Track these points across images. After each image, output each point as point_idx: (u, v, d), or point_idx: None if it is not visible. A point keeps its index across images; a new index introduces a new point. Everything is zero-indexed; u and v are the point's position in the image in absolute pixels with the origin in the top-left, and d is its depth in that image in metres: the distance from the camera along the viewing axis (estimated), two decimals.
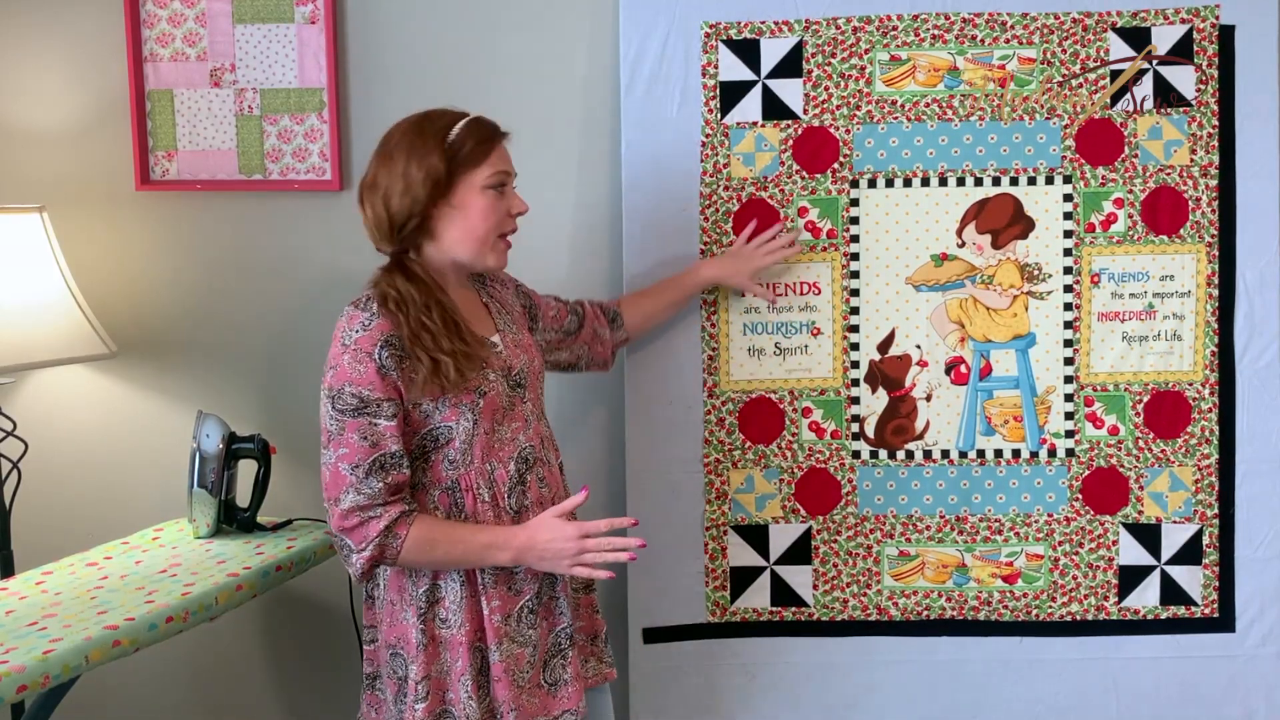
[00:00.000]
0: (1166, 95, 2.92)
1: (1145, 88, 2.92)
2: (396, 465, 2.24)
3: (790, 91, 2.95)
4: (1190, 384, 2.96)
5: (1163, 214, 2.94)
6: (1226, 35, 2.91)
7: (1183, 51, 2.91)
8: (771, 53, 2.95)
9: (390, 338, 2.22)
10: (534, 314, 2.63)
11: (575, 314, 2.73)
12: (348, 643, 3.13)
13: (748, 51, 2.95)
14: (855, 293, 2.97)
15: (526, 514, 2.34)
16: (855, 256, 2.97)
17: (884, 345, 2.98)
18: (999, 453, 2.98)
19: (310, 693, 3.29)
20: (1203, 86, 2.92)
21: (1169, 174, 2.93)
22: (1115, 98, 2.92)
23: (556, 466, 2.50)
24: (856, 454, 3.00)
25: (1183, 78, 2.92)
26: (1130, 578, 2.99)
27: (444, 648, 2.31)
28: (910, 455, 3.00)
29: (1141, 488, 2.98)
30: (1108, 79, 2.92)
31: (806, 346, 2.99)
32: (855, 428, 3.00)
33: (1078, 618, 3.00)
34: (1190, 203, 2.93)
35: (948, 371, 2.98)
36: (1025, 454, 2.98)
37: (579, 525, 2.27)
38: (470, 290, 2.45)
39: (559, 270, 3.06)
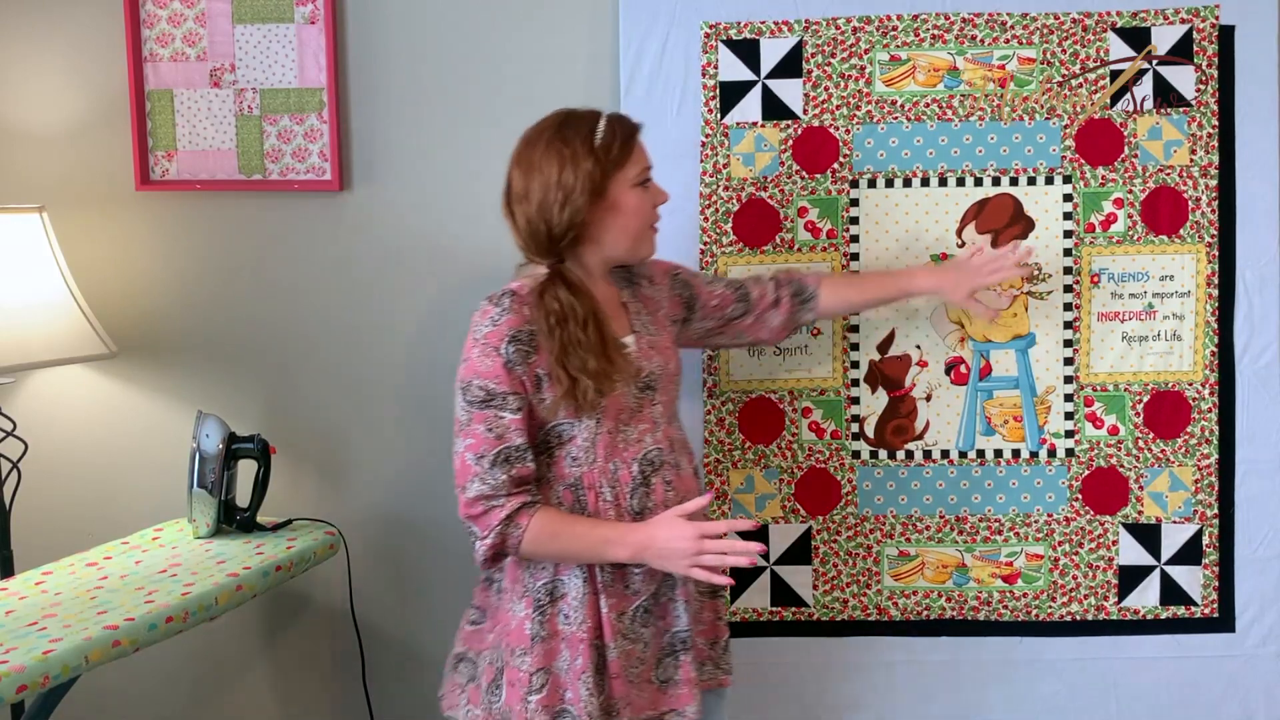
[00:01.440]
0: (1166, 95, 2.92)
1: (1145, 88, 2.92)
2: (521, 458, 2.25)
3: (790, 91, 2.95)
4: (1190, 384, 2.96)
5: (1162, 214, 2.94)
6: (1226, 35, 2.91)
7: (1183, 51, 2.91)
8: (771, 53, 2.95)
9: (517, 333, 2.24)
10: (691, 305, 2.61)
11: (743, 300, 2.67)
12: (348, 643, 3.15)
13: (747, 51, 2.95)
14: None
15: (649, 516, 2.33)
16: (855, 257, 2.97)
17: (884, 345, 2.98)
18: (999, 453, 2.98)
19: (310, 693, 3.28)
20: (1203, 86, 2.92)
21: (1169, 174, 2.93)
22: (1115, 98, 2.92)
23: (689, 471, 2.48)
24: (856, 454, 3.00)
25: (1183, 78, 2.92)
26: (1130, 578, 2.99)
27: (565, 644, 2.30)
28: (910, 455, 3.00)
29: (1141, 488, 2.98)
30: (1108, 79, 2.92)
31: (806, 346, 2.99)
32: (855, 428, 3.00)
33: (1078, 618, 3.00)
34: (1190, 203, 2.93)
35: (947, 371, 2.98)
36: (1025, 454, 2.98)
37: (698, 526, 2.24)
38: (612, 288, 2.44)
39: None
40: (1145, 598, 3.00)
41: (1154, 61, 2.91)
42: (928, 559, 3.01)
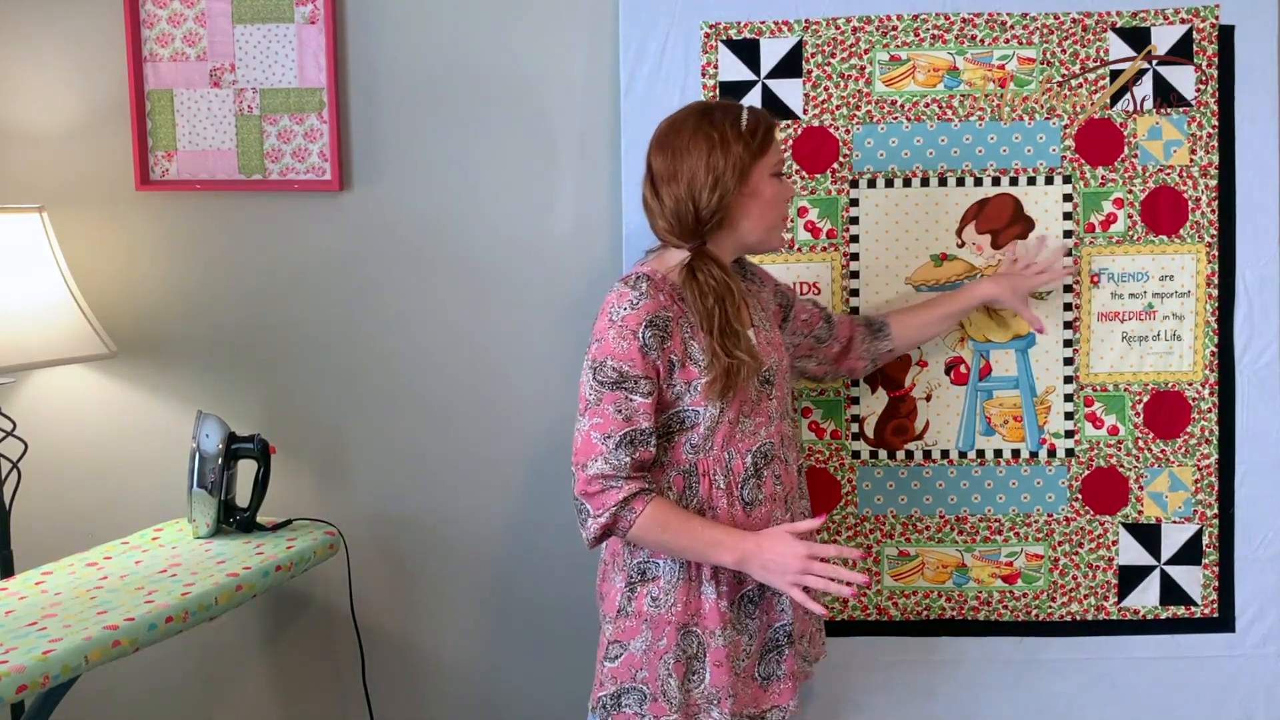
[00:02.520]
0: (1166, 95, 2.92)
1: (1145, 88, 2.92)
2: (645, 442, 2.27)
3: (790, 91, 2.95)
4: (1190, 384, 2.96)
5: (1162, 214, 2.94)
6: (1226, 35, 2.91)
7: (1183, 51, 2.91)
8: (771, 53, 2.95)
9: (655, 318, 2.26)
10: (787, 313, 2.64)
11: (827, 321, 2.73)
12: (348, 643, 3.15)
13: (747, 51, 2.95)
14: (855, 293, 2.97)
15: (759, 508, 2.36)
16: (855, 256, 2.97)
17: None
18: (999, 453, 2.98)
19: (310, 693, 3.28)
20: (1202, 86, 2.92)
21: (1169, 174, 2.93)
22: (1115, 98, 2.92)
23: (795, 467, 2.51)
24: (856, 454, 3.00)
25: (1182, 78, 2.92)
26: (1130, 578, 2.99)
27: (647, 624, 2.33)
28: (910, 455, 3.00)
29: (1141, 488, 2.98)
30: (1107, 79, 2.92)
31: None
32: (855, 428, 3.00)
33: (1077, 618, 3.00)
34: (1190, 203, 2.93)
35: (947, 371, 2.98)
36: (1025, 454, 2.98)
37: (810, 545, 2.24)
38: (736, 279, 2.45)
39: (558, 270, 3.07)
40: (1145, 598, 2.99)
41: (1154, 61, 2.91)
42: (928, 559, 3.01)
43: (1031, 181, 2.94)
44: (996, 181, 2.94)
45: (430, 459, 3.13)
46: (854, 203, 2.96)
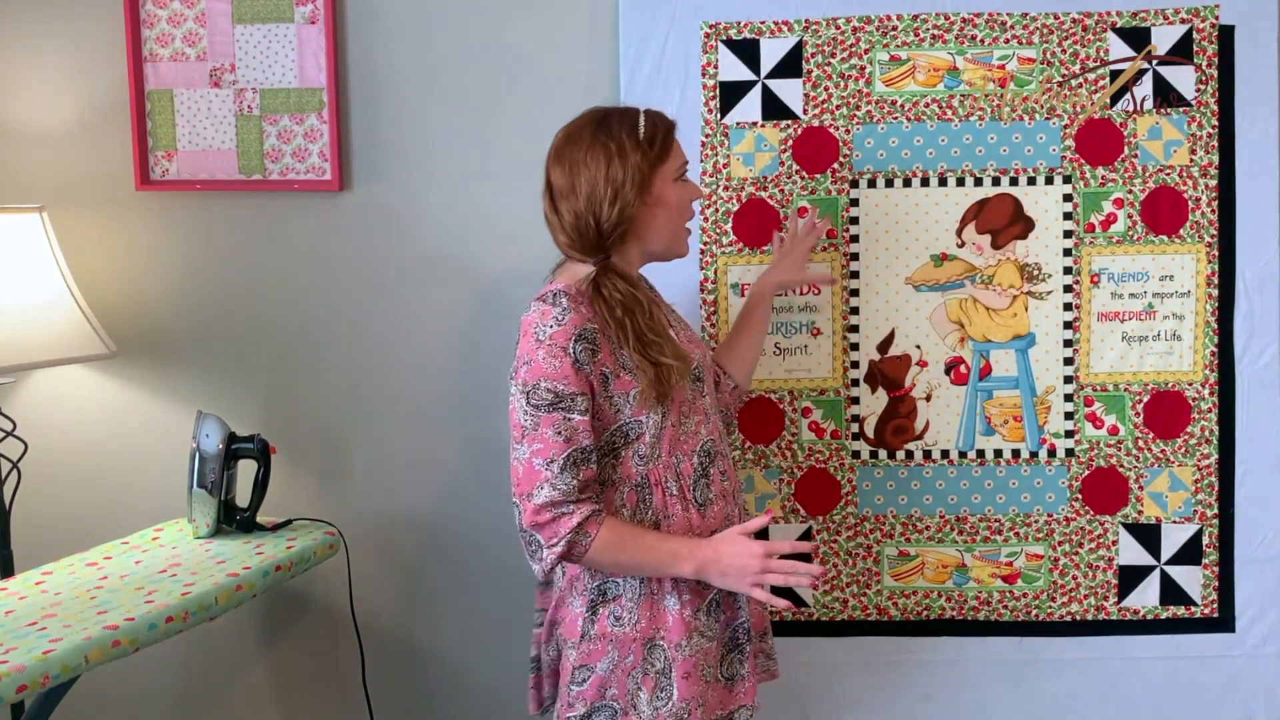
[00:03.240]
0: (1166, 95, 2.92)
1: (1145, 88, 2.92)
2: (588, 460, 2.23)
3: (790, 91, 2.95)
4: (1190, 384, 2.96)
5: (1162, 214, 2.94)
6: (1226, 35, 2.91)
7: (1183, 51, 2.91)
8: (771, 53, 2.95)
9: (584, 332, 2.22)
10: None
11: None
12: (348, 643, 3.15)
13: (747, 51, 2.95)
14: (855, 293, 2.98)
15: (711, 507, 2.35)
16: (855, 256, 2.97)
17: (884, 345, 2.99)
18: (999, 453, 2.99)
19: (310, 693, 3.28)
20: (1202, 86, 2.92)
21: (1169, 174, 2.93)
22: (1115, 98, 2.92)
23: (732, 459, 2.51)
24: (856, 454, 3.01)
25: (1182, 78, 2.92)
26: (1130, 578, 2.99)
27: (612, 644, 2.30)
28: (910, 455, 3.00)
29: (1141, 488, 2.98)
30: (1107, 79, 2.92)
31: (806, 346, 2.99)
32: (855, 428, 3.00)
33: (1077, 618, 3.00)
34: (1190, 203, 2.93)
35: (947, 371, 2.99)
36: (1025, 454, 2.98)
37: (765, 544, 2.24)
38: (644, 285, 2.46)
39: None
40: (1145, 598, 3.00)
41: (1154, 61, 2.91)
42: (928, 559, 3.01)
43: (1031, 181, 2.94)
44: (996, 181, 2.95)
45: (430, 459, 3.13)
46: (854, 203, 2.96)
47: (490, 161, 3.03)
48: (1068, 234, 2.95)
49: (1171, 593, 2.99)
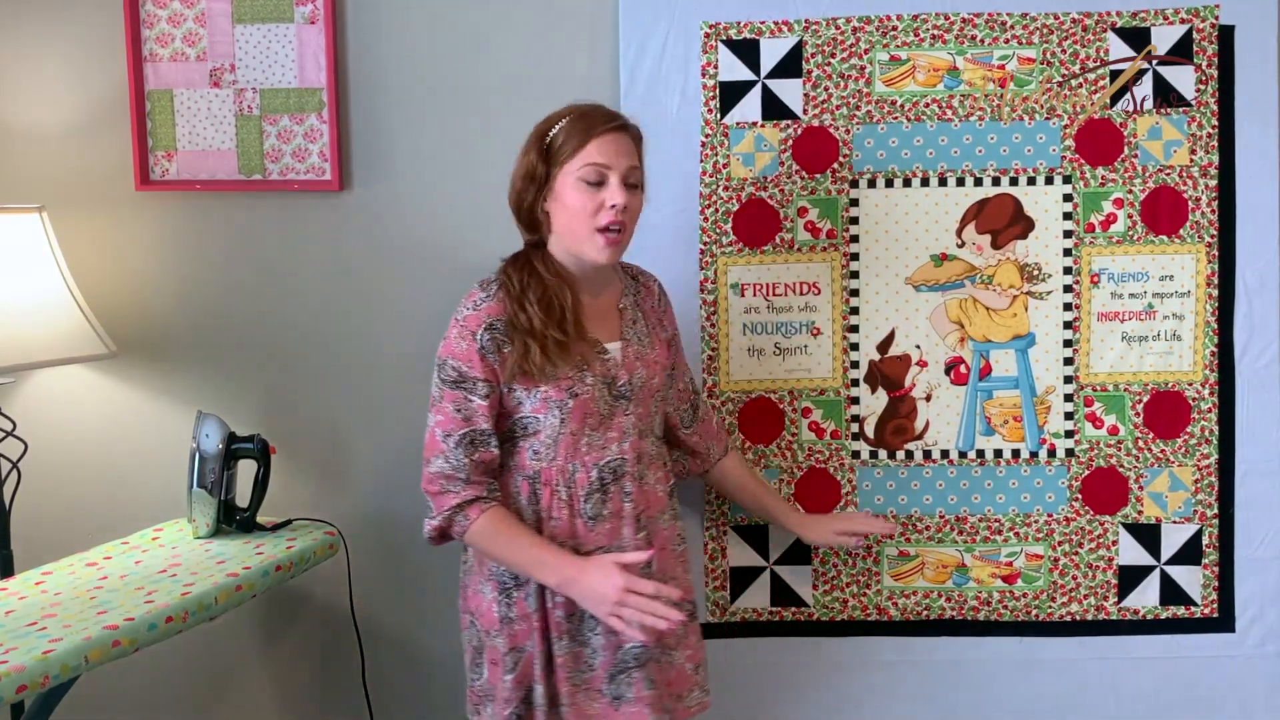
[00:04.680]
0: (1166, 95, 2.92)
1: (1145, 88, 2.92)
2: (485, 443, 2.32)
3: (790, 91, 2.95)
4: (1190, 384, 2.96)
5: (1162, 214, 2.94)
6: (1226, 35, 2.91)
7: (1182, 51, 2.92)
8: (771, 53, 2.95)
9: (495, 321, 2.31)
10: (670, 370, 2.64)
11: (694, 408, 2.72)
12: (348, 643, 3.15)
13: (747, 51, 2.95)
14: (855, 293, 2.98)
15: (602, 524, 2.38)
16: (855, 257, 2.97)
17: (884, 345, 2.99)
18: (999, 453, 2.99)
19: (310, 693, 3.28)
20: (1202, 86, 2.92)
21: (1169, 174, 2.93)
22: (1115, 98, 2.92)
23: (659, 488, 2.51)
24: (856, 454, 3.01)
25: (1182, 78, 2.92)
26: (1130, 578, 3.00)
27: (530, 626, 2.37)
28: (910, 455, 3.00)
29: (1141, 488, 2.98)
30: (1107, 79, 2.92)
31: (806, 346, 2.99)
32: (855, 428, 3.00)
33: (1077, 618, 3.00)
34: (1190, 203, 2.94)
35: (947, 371, 2.99)
36: (1025, 454, 2.99)
37: (629, 579, 2.26)
38: (612, 290, 2.49)
39: None
40: (1145, 598, 3.00)
41: (1154, 61, 2.92)
42: (927, 559, 3.01)
43: (1031, 181, 2.94)
44: (996, 181, 2.95)
45: None
46: (854, 203, 2.96)
47: (490, 161, 3.01)
48: (1068, 234, 2.95)
49: (1171, 593, 2.99)
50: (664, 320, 2.60)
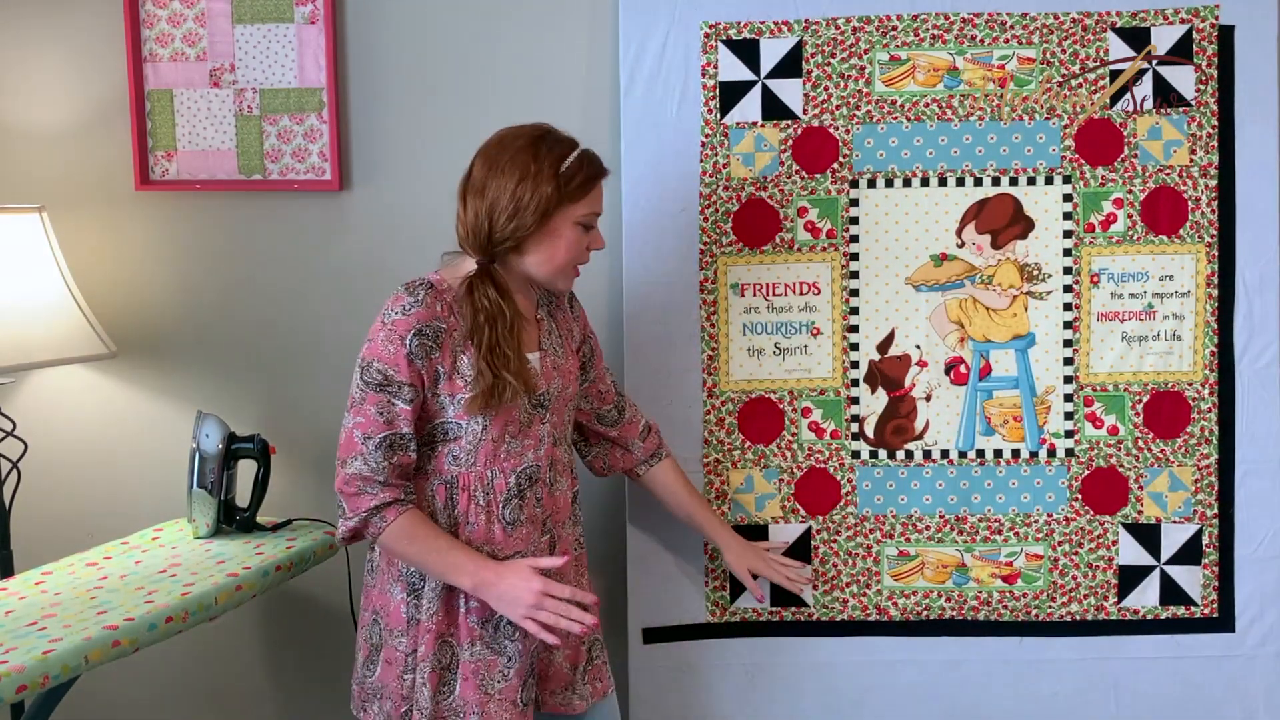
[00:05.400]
0: (1166, 95, 2.92)
1: (1145, 88, 2.93)
2: (405, 447, 2.31)
3: (790, 91, 2.96)
4: (1190, 384, 2.97)
5: (1162, 214, 2.94)
6: (1226, 35, 2.91)
7: (1182, 51, 2.92)
8: (771, 53, 2.95)
9: (424, 327, 2.28)
10: (586, 370, 2.63)
11: (618, 409, 2.72)
12: (348, 643, 3.11)
13: (747, 51, 2.96)
14: (855, 293, 2.98)
15: (519, 529, 2.38)
16: (855, 256, 2.98)
17: (883, 345, 2.99)
18: (999, 453, 2.99)
19: (310, 693, 3.30)
20: (1202, 86, 2.92)
21: (1169, 174, 2.94)
22: (1115, 98, 2.93)
23: (566, 493, 2.51)
24: (856, 454, 3.01)
25: (1182, 78, 2.92)
26: (1130, 578, 3.00)
27: (435, 628, 2.35)
28: (910, 455, 3.00)
29: (1141, 488, 2.98)
30: (1107, 79, 2.93)
31: (806, 346, 3.00)
32: (855, 428, 3.01)
33: (1077, 618, 3.00)
34: (1190, 203, 2.94)
35: (947, 371, 2.99)
36: (1025, 454, 2.99)
37: (546, 583, 2.28)
38: (530, 300, 2.48)
39: None
40: (1145, 598, 3.00)
41: (1154, 61, 2.92)
42: (927, 559, 3.02)
43: (1031, 181, 2.95)
44: (996, 181, 2.95)
45: None
46: (854, 203, 2.96)
47: None
48: (1068, 234, 2.95)
49: (1171, 593, 3.00)
50: (574, 329, 2.59)
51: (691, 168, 2.97)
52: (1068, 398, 2.98)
